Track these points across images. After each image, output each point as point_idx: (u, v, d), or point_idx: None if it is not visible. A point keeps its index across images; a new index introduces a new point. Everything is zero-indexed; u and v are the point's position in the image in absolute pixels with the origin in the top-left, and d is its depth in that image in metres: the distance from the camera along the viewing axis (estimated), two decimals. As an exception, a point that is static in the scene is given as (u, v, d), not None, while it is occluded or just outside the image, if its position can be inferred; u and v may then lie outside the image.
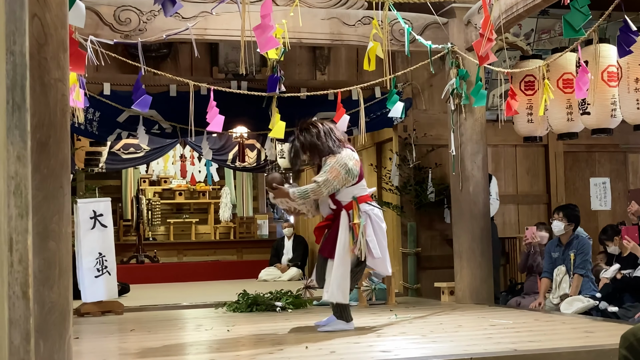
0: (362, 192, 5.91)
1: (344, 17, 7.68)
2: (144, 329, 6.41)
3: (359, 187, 5.90)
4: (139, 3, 7.23)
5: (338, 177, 5.74)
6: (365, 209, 5.85)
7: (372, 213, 5.88)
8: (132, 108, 7.15)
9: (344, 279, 5.76)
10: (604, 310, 6.74)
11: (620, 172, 10.45)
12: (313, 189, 5.77)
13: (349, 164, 5.77)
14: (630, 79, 6.59)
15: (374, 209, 5.93)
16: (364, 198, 5.90)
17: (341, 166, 5.75)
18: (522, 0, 6.86)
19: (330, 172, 5.74)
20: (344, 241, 5.77)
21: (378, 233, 5.86)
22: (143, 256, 13.22)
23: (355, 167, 5.81)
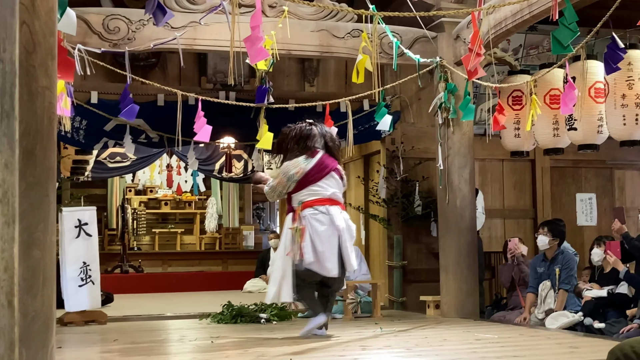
0: (310, 197, 6.15)
1: (333, 29, 7.69)
2: (127, 339, 6.36)
3: (307, 192, 6.16)
4: (128, 12, 7.22)
5: (282, 184, 6.19)
6: (306, 213, 6.07)
7: (312, 217, 6.07)
8: (119, 117, 7.12)
9: (284, 279, 6.03)
10: (588, 325, 6.75)
11: (607, 188, 10.49)
12: (266, 192, 6.36)
13: (290, 172, 6.14)
14: (617, 95, 6.63)
15: (317, 214, 6.08)
16: (309, 203, 6.12)
17: (284, 174, 6.18)
18: (511, 16, 6.90)
19: (277, 178, 6.22)
20: (283, 244, 6.12)
21: (314, 237, 6.01)
22: (127, 266, 13.15)
23: (296, 175, 6.12)
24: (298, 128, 6.31)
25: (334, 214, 6.12)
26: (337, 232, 6.09)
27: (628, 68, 6.55)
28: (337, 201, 6.24)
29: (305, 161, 6.17)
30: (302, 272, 6.05)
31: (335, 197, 6.24)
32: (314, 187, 6.16)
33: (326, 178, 6.22)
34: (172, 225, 15.53)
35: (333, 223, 6.09)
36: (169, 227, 15.43)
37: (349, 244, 6.16)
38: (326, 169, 6.24)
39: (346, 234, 6.14)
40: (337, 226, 6.08)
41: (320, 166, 6.21)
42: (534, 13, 6.62)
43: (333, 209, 6.15)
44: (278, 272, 6.09)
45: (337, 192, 6.26)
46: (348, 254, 6.12)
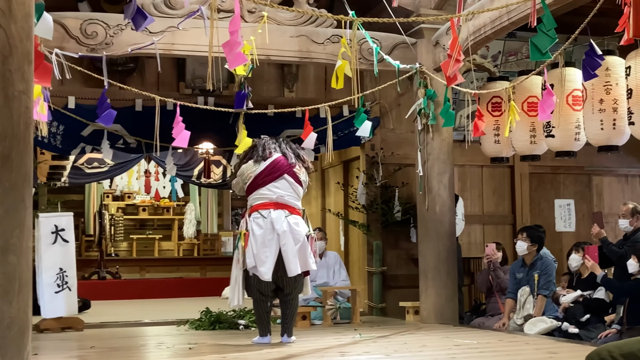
0: (257, 201, 6.26)
1: (313, 35, 7.68)
2: (105, 345, 6.31)
3: (255, 196, 6.26)
4: (106, 17, 7.18)
5: (237, 184, 6.40)
6: (251, 217, 6.19)
7: (254, 221, 6.16)
8: (96, 122, 7.07)
9: (236, 284, 6.17)
10: (566, 331, 6.78)
11: (585, 194, 10.55)
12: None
13: (243, 174, 6.33)
14: (595, 100, 6.67)
15: (258, 218, 6.16)
16: (255, 207, 6.24)
17: (239, 175, 6.39)
18: (490, 23, 6.92)
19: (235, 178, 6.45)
20: (234, 248, 6.30)
21: (252, 241, 6.08)
22: (105, 272, 13.05)
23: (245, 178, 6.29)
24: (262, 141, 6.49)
25: (275, 217, 6.12)
26: (276, 236, 6.08)
27: (606, 74, 6.59)
28: (284, 204, 6.22)
29: (254, 165, 6.29)
30: (254, 279, 6.10)
31: (282, 200, 6.22)
32: (263, 190, 6.23)
33: (276, 181, 6.25)
34: (150, 231, 15.43)
35: (272, 227, 6.09)
36: (146, 233, 15.33)
37: (290, 247, 6.08)
38: (277, 172, 6.26)
39: (288, 238, 6.10)
40: (277, 230, 6.08)
41: (271, 169, 6.26)
42: (512, 20, 6.64)
43: (275, 212, 6.15)
44: (232, 276, 6.24)
45: (286, 195, 6.24)
46: (289, 258, 6.07)
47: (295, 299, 6.32)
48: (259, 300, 6.17)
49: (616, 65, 6.63)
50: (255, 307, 6.26)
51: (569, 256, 7.27)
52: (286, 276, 6.09)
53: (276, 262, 6.06)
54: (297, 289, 6.28)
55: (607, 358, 2.55)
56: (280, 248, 6.07)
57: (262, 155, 6.30)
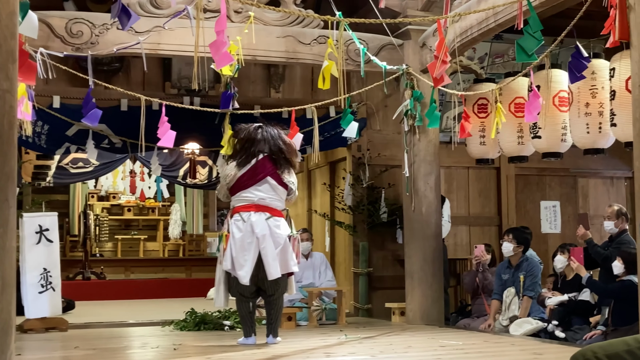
0: (239, 203, 6.25)
1: (299, 35, 7.67)
2: (89, 346, 6.28)
3: (237, 198, 6.26)
4: (91, 16, 7.15)
5: (221, 186, 6.38)
6: (232, 220, 6.19)
7: (234, 224, 6.15)
8: (81, 122, 7.02)
9: (219, 285, 6.21)
10: (552, 332, 6.79)
11: (570, 195, 10.59)
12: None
13: (225, 176, 6.31)
14: (581, 103, 6.68)
15: (238, 221, 6.14)
16: (237, 209, 6.23)
17: (223, 178, 6.37)
18: (476, 24, 6.93)
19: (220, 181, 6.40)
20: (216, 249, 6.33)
21: (231, 243, 6.08)
22: (89, 272, 12.99)
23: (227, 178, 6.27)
24: (246, 131, 6.38)
25: (255, 221, 6.09)
26: (256, 239, 6.06)
27: (592, 77, 6.60)
28: (265, 207, 6.19)
29: (237, 167, 6.26)
30: (235, 281, 6.10)
31: (264, 203, 6.20)
32: (245, 193, 6.21)
33: (259, 184, 6.22)
34: (135, 231, 15.37)
35: (252, 230, 6.06)
36: (132, 233, 15.28)
37: (270, 251, 6.06)
38: (259, 175, 6.23)
39: (268, 242, 6.07)
40: (256, 233, 6.06)
41: (253, 172, 6.23)
42: (499, 22, 6.66)
43: (256, 215, 6.12)
44: (216, 278, 6.27)
45: (267, 197, 6.22)
46: (269, 262, 6.04)
47: (279, 299, 6.28)
48: (240, 301, 6.18)
49: (602, 68, 6.64)
50: (238, 308, 6.28)
51: (555, 257, 7.29)
52: (267, 279, 6.07)
53: (256, 265, 6.04)
54: (279, 290, 6.25)
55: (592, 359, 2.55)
56: (260, 252, 6.04)
57: (245, 158, 6.26)
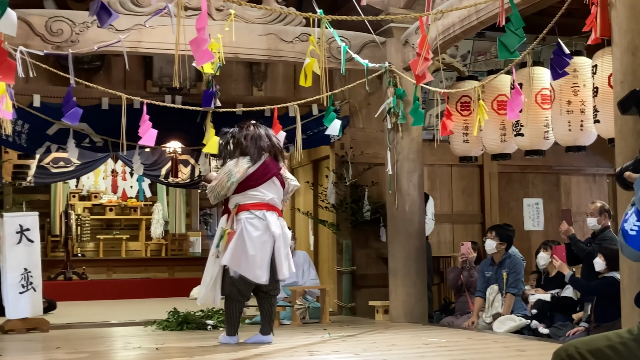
0: (247, 200, 6.05)
1: (281, 33, 7.64)
2: (70, 346, 6.22)
3: (245, 195, 6.05)
4: (71, 14, 7.10)
5: (221, 184, 6.02)
6: (241, 217, 5.98)
7: (248, 221, 5.97)
8: (62, 120, 6.97)
9: (215, 283, 6.00)
10: (535, 329, 6.80)
11: (553, 193, 10.63)
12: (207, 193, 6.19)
13: (232, 172, 6.01)
14: (563, 101, 6.70)
15: (253, 219, 5.99)
16: (246, 206, 6.03)
17: (226, 174, 6.04)
18: (459, 22, 6.93)
19: (216, 179, 6.08)
20: (214, 246, 6.05)
21: (247, 242, 5.90)
22: (71, 273, 12.90)
23: (237, 175, 5.99)
24: (249, 127, 6.19)
25: (271, 220, 6.02)
26: (272, 238, 6.00)
27: (573, 75, 6.62)
28: (274, 207, 6.15)
29: (249, 163, 6.06)
30: (237, 280, 5.95)
31: (273, 202, 6.15)
32: (253, 191, 6.06)
33: (267, 184, 6.13)
34: (117, 231, 15.28)
35: (269, 229, 5.99)
36: (113, 233, 15.19)
37: (283, 251, 6.06)
38: (268, 174, 6.15)
39: (281, 241, 6.05)
40: (273, 232, 5.99)
41: (263, 170, 6.13)
42: (481, 19, 6.66)
43: (270, 214, 6.06)
44: (208, 275, 6.06)
45: (275, 198, 6.17)
46: (281, 261, 6.02)
47: (274, 299, 6.30)
48: (236, 300, 6.02)
49: (584, 66, 6.66)
50: (229, 307, 6.06)
51: (537, 255, 7.30)
52: (274, 278, 6.05)
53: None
54: (278, 289, 6.28)
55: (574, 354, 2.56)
56: (274, 251, 5.99)
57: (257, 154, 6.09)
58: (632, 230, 2.38)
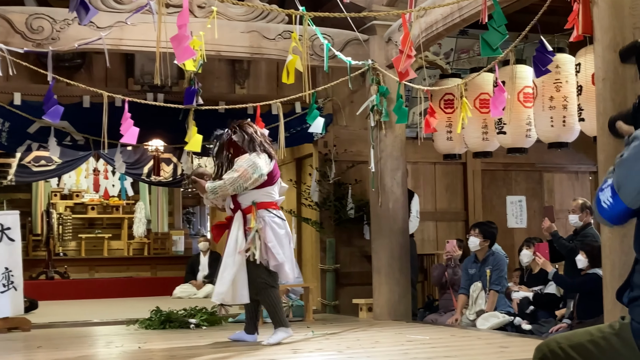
0: (264, 198, 5.93)
1: (264, 30, 7.61)
2: (52, 345, 6.18)
3: (262, 192, 5.92)
4: (52, 11, 7.04)
5: (245, 176, 5.76)
6: (262, 215, 5.87)
7: (271, 220, 5.89)
8: (43, 119, 6.92)
9: (238, 281, 5.79)
10: (518, 326, 6.82)
11: (536, 190, 10.66)
12: (220, 186, 5.82)
13: (258, 163, 5.80)
14: (545, 97, 6.72)
15: (274, 217, 5.93)
16: (264, 205, 5.92)
17: (250, 166, 5.79)
18: (441, 19, 6.93)
19: (238, 170, 5.77)
20: (234, 243, 5.83)
21: (277, 240, 5.85)
22: (53, 272, 12.82)
23: (265, 167, 5.84)
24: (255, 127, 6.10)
25: (286, 219, 6.06)
26: (289, 238, 6.04)
27: (556, 71, 6.63)
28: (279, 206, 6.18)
29: (269, 160, 5.95)
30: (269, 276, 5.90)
31: (280, 202, 6.18)
32: (269, 189, 5.98)
33: (276, 183, 6.12)
34: (99, 230, 15.18)
35: (287, 228, 6.02)
36: (95, 232, 15.08)
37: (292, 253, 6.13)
38: (278, 173, 6.18)
39: (292, 240, 6.17)
40: (289, 232, 6.04)
41: (276, 169, 6.11)
42: (464, 16, 6.67)
43: (283, 214, 6.10)
44: (229, 272, 5.81)
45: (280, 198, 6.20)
46: (292, 259, 6.08)
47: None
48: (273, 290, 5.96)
49: (566, 62, 6.68)
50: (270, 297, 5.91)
51: (520, 252, 7.32)
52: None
53: None
54: None
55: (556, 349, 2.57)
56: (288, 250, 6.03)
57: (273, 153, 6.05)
58: (605, 204, 2.41)
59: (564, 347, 2.55)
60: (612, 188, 2.39)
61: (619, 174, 2.37)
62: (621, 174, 2.37)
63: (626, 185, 2.35)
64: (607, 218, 2.44)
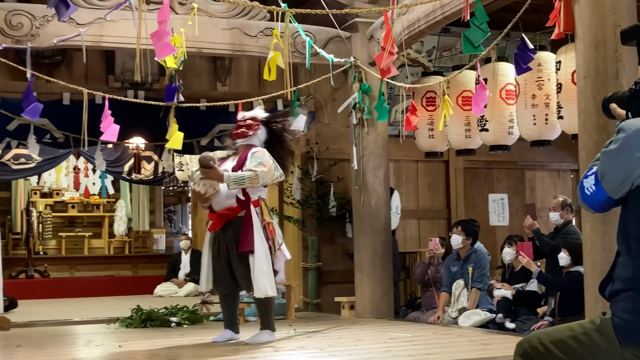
0: (265, 194, 5.97)
1: (245, 27, 7.58)
2: (32, 344, 6.12)
3: (265, 188, 5.95)
4: (31, 8, 6.98)
5: (271, 173, 5.71)
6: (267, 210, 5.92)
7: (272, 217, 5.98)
8: (22, 116, 6.86)
9: (270, 273, 5.75)
10: (500, 323, 6.83)
11: (518, 188, 10.69)
12: (250, 177, 5.61)
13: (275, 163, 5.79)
14: (528, 95, 6.73)
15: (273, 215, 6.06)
16: (265, 201, 5.95)
17: (273, 162, 5.76)
18: (424, 17, 6.92)
19: (265, 165, 5.68)
20: (262, 237, 5.73)
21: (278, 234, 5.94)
22: (33, 271, 12.74)
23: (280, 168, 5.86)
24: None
25: None
26: None
27: (538, 69, 6.64)
28: None
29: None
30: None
31: None
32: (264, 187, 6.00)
33: None
34: (79, 228, 15.09)
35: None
36: (76, 230, 14.99)
37: None
38: None
39: None
40: None
41: None
42: (446, 14, 6.66)
43: None
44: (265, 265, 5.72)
45: None
46: None
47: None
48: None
49: (548, 61, 6.69)
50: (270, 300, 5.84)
51: (502, 250, 7.32)
52: None
53: None
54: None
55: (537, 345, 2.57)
56: None
57: None
58: (588, 191, 2.47)
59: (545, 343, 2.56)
60: (596, 176, 2.42)
61: (603, 163, 2.41)
62: (605, 163, 2.40)
63: (609, 176, 2.40)
64: (589, 204, 2.50)
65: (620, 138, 2.37)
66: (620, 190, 2.39)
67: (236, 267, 5.78)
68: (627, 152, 2.36)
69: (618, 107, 2.54)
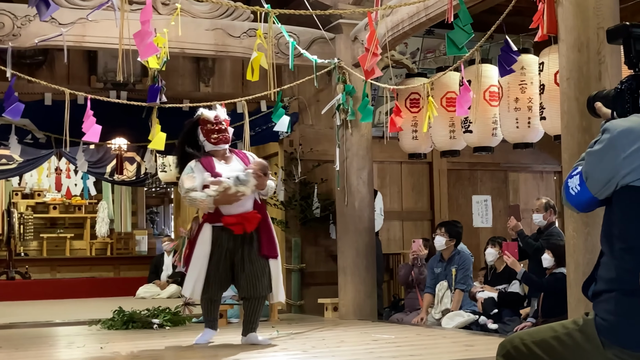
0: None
1: (229, 28, 7.56)
2: (12, 346, 6.06)
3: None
4: (13, 7, 6.92)
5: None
6: None
7: None
8: (3, 116, 6.81)
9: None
10: (483, 324, 6.84)
11: (501, 190, 10.72)
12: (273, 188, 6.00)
13: None
14: (511, 98, 6.74)
15: None
16: None
17: None
18: (407, 18, 6.93)
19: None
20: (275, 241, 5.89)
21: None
22: (14, 272, 12.67)
23: None
24: None
25: None
26: None
27: (521, 72, 6.66)
28: None
29: None
30: None
31: None
32: None
33: None
34: (61, 230, 15.01)
35: None
36: (57, 232, 14.91)
37: None
38: None
39: None
40: None
41: None
42: (430, 16, 6.67)
43: None
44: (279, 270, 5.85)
45: None
46: None
47: None
48: None
49: (531, 64, 6.71)
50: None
51: (485, 251, 7.33)
52: None
53: None
54: None
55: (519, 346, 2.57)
56: None
57: None
58: (573, 190, 2.47)
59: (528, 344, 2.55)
60: (580, 176, 2.42)
61: (588, 163, 2.41)
62: (590, 164, 2.41)
63: (594, 176, 2.40)
64: (573, 204, 2.50)
65: (605, 139, 2.37)
66: (605, 191, 2.39)
67: (248, 270, 5.66)
68: (612, 153, 2.36)
69: (603, 106, 2.54)
